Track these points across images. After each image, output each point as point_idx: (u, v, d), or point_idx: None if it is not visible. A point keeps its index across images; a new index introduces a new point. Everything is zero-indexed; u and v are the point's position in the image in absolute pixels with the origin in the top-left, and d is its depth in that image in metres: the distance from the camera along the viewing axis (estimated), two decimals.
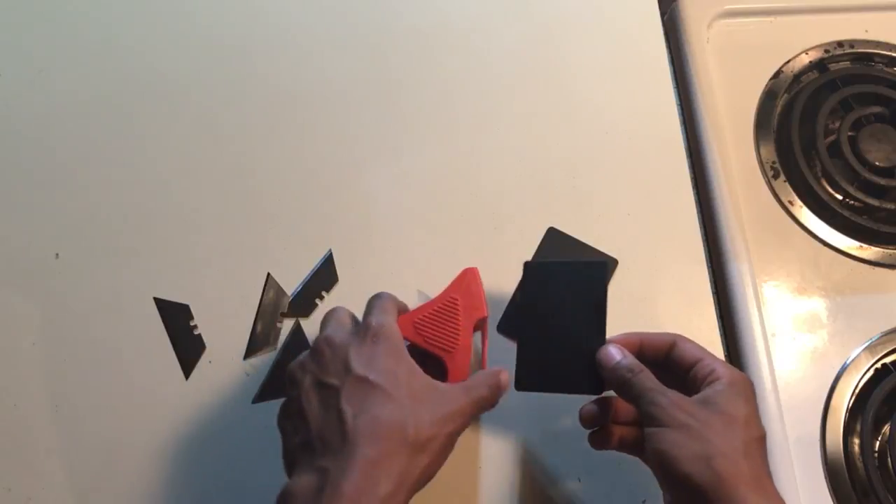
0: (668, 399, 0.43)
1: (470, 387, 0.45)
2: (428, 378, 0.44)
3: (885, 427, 0.58)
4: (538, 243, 0.61)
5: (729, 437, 0.40)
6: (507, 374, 0.47)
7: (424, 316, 0.49)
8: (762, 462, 0.42)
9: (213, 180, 0.63)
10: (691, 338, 0.47)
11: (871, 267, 0.63)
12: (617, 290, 0.59)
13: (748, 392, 0.44)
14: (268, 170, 0.64)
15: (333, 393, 0.41)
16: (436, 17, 0.70)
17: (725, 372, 0.44)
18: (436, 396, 0.43)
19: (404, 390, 0.41)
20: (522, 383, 0.49)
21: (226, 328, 0.59)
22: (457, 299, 0.50)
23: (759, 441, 0.42)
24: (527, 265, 0.51)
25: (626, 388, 0.45)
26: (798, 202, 0.65)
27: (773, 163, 0.66)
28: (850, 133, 0.67)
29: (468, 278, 0.51)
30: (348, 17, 0.70)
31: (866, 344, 0.60)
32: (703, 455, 0.40)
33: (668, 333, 0.48)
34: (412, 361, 0.44)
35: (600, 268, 0.50)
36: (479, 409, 0.45)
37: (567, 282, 0.49)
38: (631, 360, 0.46)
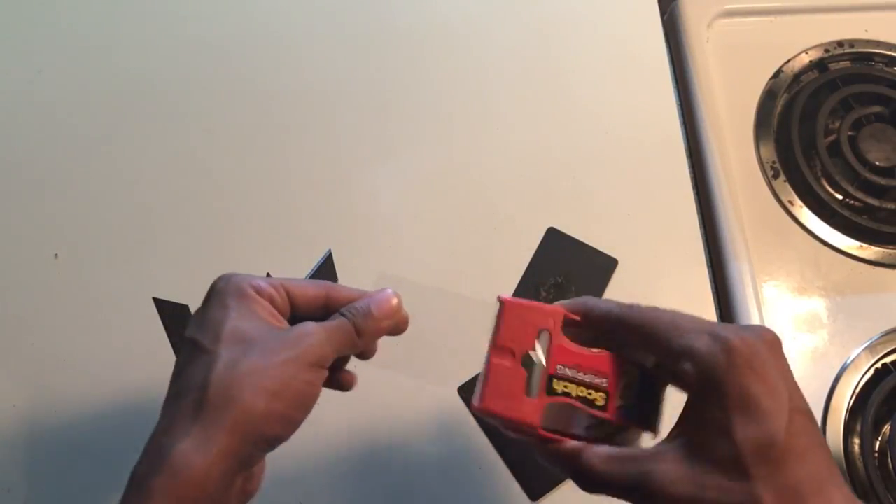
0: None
1: (331, 320, 0.38)
2: (265, 321, 0.37)
3: (885, 427, 0.57)
4: (538, 243, 0.61)
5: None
6: (395, 299, 0.39)
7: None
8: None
9: (212, 180, 0.63)
10: None
11: (871, 267, 0.63)
12: (617, 290, 0.59)
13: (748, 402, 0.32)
14: (268, 170, 0.64)
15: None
16: (436, 17, 0.70)
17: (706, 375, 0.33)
18: (272, 339, 0.36)
19: (225, 338, 0.37)
20: None
21: None
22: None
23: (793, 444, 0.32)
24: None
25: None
26: (798, 202, 0.65)
27: (773, 162, 0.66)
28: (850, 133, 0.67)
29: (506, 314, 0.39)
30: (347, 16, 0.70)
31: (866, 344, 0.60)
32: None
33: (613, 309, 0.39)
34: (251, 308, 0.38)
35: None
36: (344, 345, 0.37)
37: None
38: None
